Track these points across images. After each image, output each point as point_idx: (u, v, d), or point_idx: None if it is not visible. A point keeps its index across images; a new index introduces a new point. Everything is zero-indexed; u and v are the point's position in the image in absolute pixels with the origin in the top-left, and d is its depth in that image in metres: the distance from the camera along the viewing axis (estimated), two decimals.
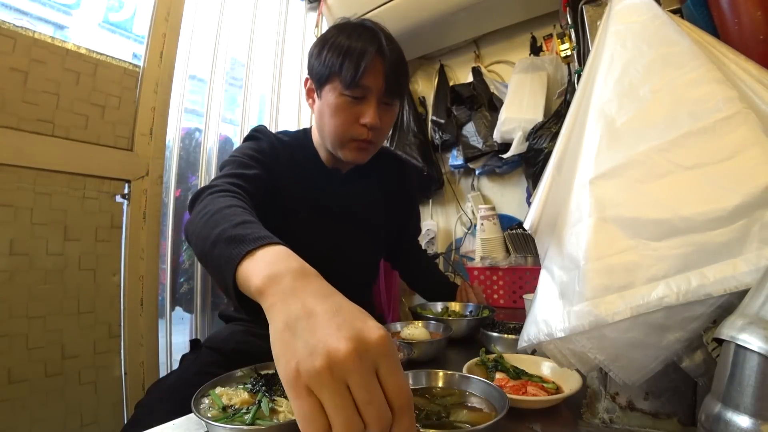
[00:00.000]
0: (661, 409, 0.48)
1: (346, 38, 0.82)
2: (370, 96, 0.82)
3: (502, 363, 0.65)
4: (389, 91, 0.83)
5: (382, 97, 0.83)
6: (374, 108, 0.82)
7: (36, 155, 0.97)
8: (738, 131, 0.41)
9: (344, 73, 0.79)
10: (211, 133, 1.54)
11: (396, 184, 1.08)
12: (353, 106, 0.82)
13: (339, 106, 0.82)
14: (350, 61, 0.79)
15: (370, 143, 0.87)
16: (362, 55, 0.79)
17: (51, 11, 1.19)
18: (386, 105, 0.86)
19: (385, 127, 0.88)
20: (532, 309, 0.51)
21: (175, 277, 1.46)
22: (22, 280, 0.95)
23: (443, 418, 0.48)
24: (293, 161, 0.92)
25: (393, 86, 0.83)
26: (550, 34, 1.60)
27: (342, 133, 0.85)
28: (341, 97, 0.82)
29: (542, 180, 0.56)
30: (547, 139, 1.36)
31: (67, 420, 1.00)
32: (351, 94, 0.81)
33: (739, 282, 0.36)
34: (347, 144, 0.86)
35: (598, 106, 0.49)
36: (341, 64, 0.79)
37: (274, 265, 0.40)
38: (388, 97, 0.84)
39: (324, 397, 0.28)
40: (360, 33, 0.83)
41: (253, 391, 0.51)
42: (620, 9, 0.54)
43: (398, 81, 0.84)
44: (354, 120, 0.83)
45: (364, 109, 0.82)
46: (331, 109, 0.83)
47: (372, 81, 0.81)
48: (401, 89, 0.88)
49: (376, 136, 0.86)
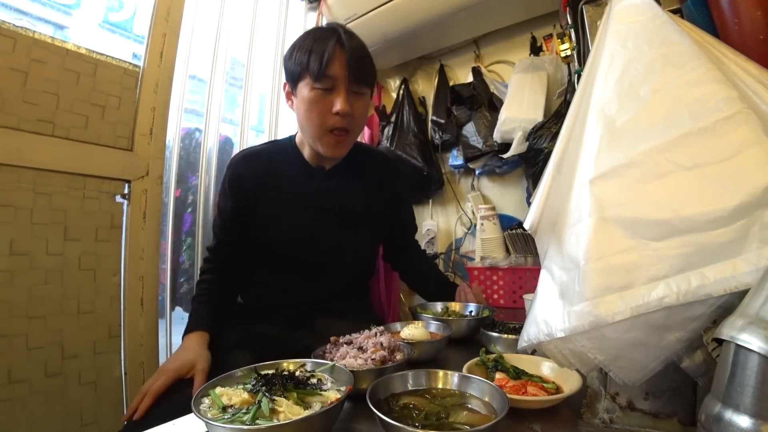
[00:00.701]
0: (661, 409, 0.48)
1: (311, 39, 0.91)
2: (338, 85, 0.89)
3: (502, 363, 0.65)
4: (355, 78, 0.90)
5: (350, 85, 0.90)
6: (343, 96, 0.89)
7: (36, 155, 0.97)
8: (738, 131, 0.41)
9: (311, 66, 0.88)
10: (211, 133, 1.54)
11: (381, 180, 1.12)
12: (325, 98, 0.90)
13: (312, 99, 0.90)
14: (315, 55, 0.88)
15: (346, 132, 0.93)
16: (324, 48, 0.88)
17: (51, 11, 1.20)
18: (356, 93, 0.92)
19: (358, 116, 0.94)
20: (532, 309, 0.51)
21: (175, 277, 1.46)
22: (22, 280, 0.95)
23: (443, 418, 0.48)
24: (270, 168, 1.02)
25: (357, 74, 0.90)
26: (550, 34, 1.60)
27: (318, 125, 0.91)
28: (313, 90, 0.89)
29: (542, 180, 0.56)
30: (547, 139, 1.36)
31: (67, 420, 1.00)
32: (321, 86, 0.89)
33: (739, 282, 0.36)
34: (324, 137, 0.93)
35: (598, 106, 0.49)
36: (308, 59, 0.89)
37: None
38: (355, 84, 0.91)
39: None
40: (322, 32, 0.93)
41: (253, 391, 0.51)
42: (620, 9, 0.54)
43: (361, 68, 0.91)
44: (327, 110, 0.90)
45: (334, 99, 0.89)
46: (305, 104, 0.91)
47: (337, 70, 0.88)
48: (366, 76, 0.94)
49: (350, 124, 0.93)
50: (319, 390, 0.52)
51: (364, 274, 1.17)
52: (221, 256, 1.03)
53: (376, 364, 0.62)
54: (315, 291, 1.02)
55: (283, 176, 1.02)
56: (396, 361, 0.64)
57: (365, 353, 0.64)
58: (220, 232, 1.03)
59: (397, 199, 1.17)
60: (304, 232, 1.01)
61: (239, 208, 1.00)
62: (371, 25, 1.62)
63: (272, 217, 1.00)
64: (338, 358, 0.64)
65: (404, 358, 0.66)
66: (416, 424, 0.46)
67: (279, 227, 1.01)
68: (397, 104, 1.95)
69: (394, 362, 0.64)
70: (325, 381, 0.56)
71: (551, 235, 0.52)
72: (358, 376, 0.57)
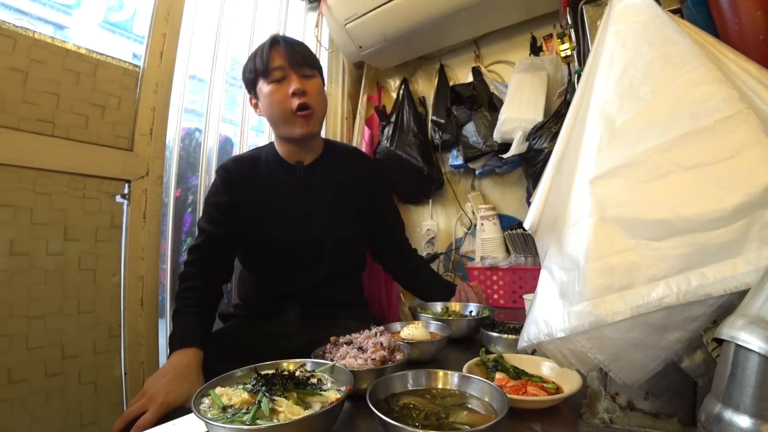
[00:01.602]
0: (661, 409, 0.48)
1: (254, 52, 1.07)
2: (287, 72, 1.02)
3: (502, 363, 0.65)
4: (297, 62, 1.02)
5: (296, 69, 1.02)
6: (295, 77, 1.02)
7: (36, 155, 0.97)
8: (738, 131, 0.41)
9: (258, 66, 1.03)
10: (211, 133, 1.53)
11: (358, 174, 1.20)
12: (280, 87, 1.02)
13: (270, 92, 1.02)
14: (258, 58, 1.04)
15: (310, 110, 1.03)
16: (263, 49, 1.04)
17: (51, 11, 1.20)
18: (306, 77, 1.04)
19: (314, 93, 1.05)
20: (532, 309, 0.51)
21: (175, 277, 1.46)
22: (22, 280, 0.95)
23: (443, 418, 0.48)
24: (256, 170, 1.11)
25: (298, 58, 1.03)
26: (550, 34, 1.60)
27: (283, 111, 1.02)
28: (269, 85, 1.03)
29: (542, 180, 0.56)
30: (547, 139, 1.36)
31: (67, 420, 1.00)
32: (272, 79, 1.02)
33: (739, 282, 0.36)
34: (293, 120, 1.03)
35: (598, 106, 0.49)
36: (254, 64, 1.04)
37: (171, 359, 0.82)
38: (299, 68, 1.03)
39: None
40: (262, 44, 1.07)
41: (253, 391, 0.51)
42: (620, 9, 0.54)
43: (300, 54, 1.04)
44: (286, 96, 1.01)
45: (288, 84, 1.02)
46: (267, 99, 1.03)
47: (279, 61, 1.02)
48: (308, 59, 1.06)
49: (311, 101, 1.03)
50: (319, 390, 0.52)
51: (352, 267, 1.19)
52: (211, 251, 1.04)
53: (376, 364, 0.62)
54: (305, 282, 1.06)
55: (264, 177, 1.10)
56: (396, 361, 0.64)
57: (365, 353, 0.64)
58: (212, 227, 1.05)
59: (375, 193, 1.22)
60: (287, 225, 1.07)
61: (234, 202, 1.06)
62: (371, 25, 1.62)
63: (256, 217, 1.07)
64: (338, 358, 0.64)
65: (404, 358, 0.66)
66: (416, 424, 0.46)
67: (264, 224, 1.07)
68: (397, 104, 1.95)
69: (394, 362, 0.64)
70: (325, 381, 0.56)
71: (551, 235, 0.52)
72: (358, 376, 0.57)
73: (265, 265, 1.10)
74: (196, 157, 1.52)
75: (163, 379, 0.73)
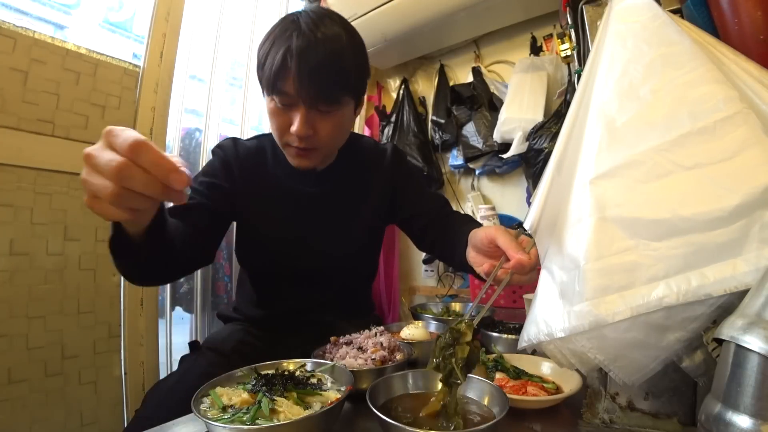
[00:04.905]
0: (661, 409, 0.48)
1: (271, 39, 0.74)
2: (297, 103, 0.73)
3: (502, 363, 0.65)
4: (313, 100, 0.73)
5: (308, 104, 0.73)
6: (302, 116, 0.73)
7: (36, 155, 0.97)
8: (738, 131, 0.41)
9: (264, 76, 0.74)
10: (211, 133, 1.53)
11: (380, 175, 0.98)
12: (284, 113, 0.76)
13: (272, 112, 0.77)
14: (268, 64, 0.72)
15: (310, 150, 0.79)
16: (275, 58, 0.71)
17: (51, 11, 1.19)
18: (321, 112, 0.75)
19: (324, 134, 0.78)
20: (532, 309, 0.51)
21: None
22: (22, 280, 0.95)
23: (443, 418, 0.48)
24: (261, 168, 0.90)
25: (315, 94, 0.72)
26: (550, 34, 1.60)
27: (279, 138, 0.80)
28: (272, 102, 0.76)
29: (542, 180, 0.56)
30: (547, 139, 1.36)
31: (67, 420, 1.00)
32: (278, 101, 0.75)
33: (739, 282, 0.36)
34: (286, 148, 0.82)
35: (598, 106, 0.49)
36: (262, 66, 0.75)
37: None
38: (314, 103, 0.73)
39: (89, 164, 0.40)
40: (281, 31, 0.74)
41: (253, 391, 0.51)
42: (620, 9, 0.54)
43: (321, 87, 0.72)
44: (286, 127, 0.76)
45: (293, 117, 0.75)
46: (268, 114, 0.79)
47: (290, 88, 0.72)
48: (327, 91, 0.74)
49: (314, 143, 0.78)
50: (319, 390, 0.52)
51: (365, 279, 1.09)
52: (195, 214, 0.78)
53: (376, 364, 0.62)
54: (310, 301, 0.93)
55: (269, 178, 0.90)
56: (396, 361, 0.64)
57: (365, 353, 0.64)
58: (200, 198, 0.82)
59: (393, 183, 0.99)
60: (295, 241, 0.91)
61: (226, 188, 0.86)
62: (371, 25, 1.61)
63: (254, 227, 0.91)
64: (338, 358, 0.64)
65: (404, 358, 0.66)
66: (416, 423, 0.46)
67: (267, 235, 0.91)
68: (397, 104, 1.95)
69: (394, 362, 0.64)
70: (325, 381, 0.56)
71: (551, 235, 0.52)
72: (358, 376, 0.57)
73: (264, 278, 0.97)
74: (196, 157, 1.52)
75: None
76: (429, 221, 0.96)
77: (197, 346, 0.88)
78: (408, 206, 0.99)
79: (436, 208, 0.97)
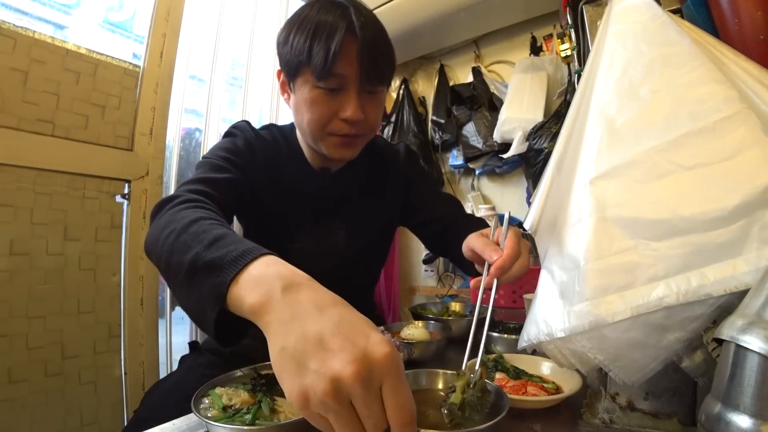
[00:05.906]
0: (661, 409, 0.48)
1: (314, 21, 0.70)
2: (347, 85, 0.70)
3: (502, 363, 0.65)
4: (369, 77, 0.71)
5: (362, 85, 0.71)
6: (354, 99, 0.70)
7: (36, 155, 0.97)
8: (738, 131, 0.41)
9: (314, 61, 0.68)
10: (211, 133, 1.54)
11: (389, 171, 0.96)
12: (330, 99, 0.71)
13: (314, 100, 0.71)
14: (318, 47, 0.67)
15: (356, 137, 0.76)
16: (332, 38, 0.67)
17: (51, 11, 1.19)
18: (369, 94, 0.74)
19: (372, 119, 0.76)
20: (532, 309, 0.51)
21: None
22: (22, 280, 0.95)
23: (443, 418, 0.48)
24: (276, 161, 0.84)
25: (372, 71, 0.70)
26: (550, 34, 1.60)
27: (320, 129, 0.74)
28: (315, 89, 0.70)
29: (542, 180, 0.56)
30: (547, 139, 1.36)
31: (67, 420, 1.00)
32: (325, 85, 0.70)
33: (739, 282, 0.36)
34: (326, 138, 0.76)
35: (598, 106, 0.49)
36: (309, 50, 0.68)
37: (264, 283, 0.38)
38: (369, 84, 0.72)
39: (331, 417, 0.30)
40: (328, 10, 0.70)
41: (253, 391, 0.51)
42: (620, 9, 0.54)
43: (377, 64, 0.71)
44: (333, 114, 0.72)
45: (343, 102, 0.71)
46: (306, 105, 0.73)
47: (346, 68, 0.68)
48: (383, 73, 0.73)
49: (362, 129, 0.75)
50: None
51: (372, 279, 1.08)
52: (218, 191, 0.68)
53: None
54: None
55: (287, 172, 0.85)
56: None
57: None
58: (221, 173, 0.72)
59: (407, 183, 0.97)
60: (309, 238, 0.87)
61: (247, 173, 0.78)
62: None
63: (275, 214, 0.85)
64: None
65: (404, 358, 0.66)
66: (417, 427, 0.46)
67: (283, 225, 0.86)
68: (397, 104, 1.95)
69: None
70: None
71: (551, 235, 0.52)
72: None
73: None
74: (196, 157, 1.52)
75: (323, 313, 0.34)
76: (445, 226, 0.94)
77: (197, 346, 0.88)
78: (424, 209, 0.98)
79: (452, 212, 0.96)
